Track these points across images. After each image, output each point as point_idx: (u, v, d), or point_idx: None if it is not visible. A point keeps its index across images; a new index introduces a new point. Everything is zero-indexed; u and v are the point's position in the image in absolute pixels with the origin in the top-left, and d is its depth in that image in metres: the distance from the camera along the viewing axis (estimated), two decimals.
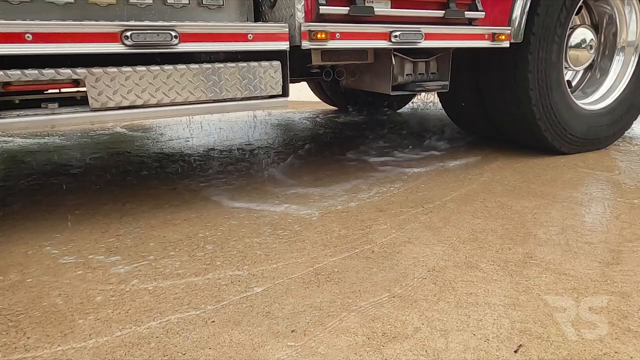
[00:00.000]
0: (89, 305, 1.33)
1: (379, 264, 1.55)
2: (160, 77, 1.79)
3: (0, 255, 1.65)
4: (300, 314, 1.27)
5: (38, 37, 1.56)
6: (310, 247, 1.69)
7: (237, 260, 1.59)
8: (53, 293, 1.41)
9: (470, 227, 1.85)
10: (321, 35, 2.00)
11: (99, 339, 1.18)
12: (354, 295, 1.36)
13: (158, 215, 2.00)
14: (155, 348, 1.14)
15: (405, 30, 2.16)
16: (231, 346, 1.14)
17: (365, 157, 2.93)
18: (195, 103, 1.89)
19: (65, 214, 2.03)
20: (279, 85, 2.02)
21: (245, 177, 2.55)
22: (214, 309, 1.30)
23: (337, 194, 2.26)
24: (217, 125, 4.11)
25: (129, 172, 2.69)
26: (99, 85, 1.70)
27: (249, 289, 1.41)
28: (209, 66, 1.87)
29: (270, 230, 1.84)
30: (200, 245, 1.71)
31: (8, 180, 2.56)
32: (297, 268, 1.53)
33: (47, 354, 1.12)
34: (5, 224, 1.92)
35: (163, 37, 1.72)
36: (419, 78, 2.45)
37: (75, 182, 2.50)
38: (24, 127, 1.69)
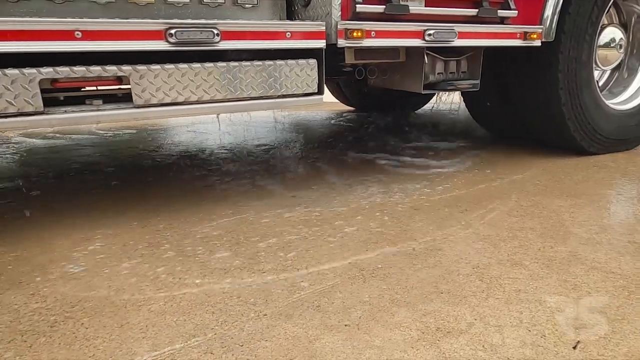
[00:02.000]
0: (140, 297, 1.35)
1: (422, 261, 1.55)
2: (201, 75, 1.81)
3: (46, 249, 1.68)
4: (350, 308, 1.28)
5: (87, 34, 1.59)
6: (349, 244, 1.69)
7: (280, 255, 1.60)
8: (102, 285, 1.43)
9: (508, 226, 1.84)
10: (357, 33, 2.01)
11: (155, 329, 1.19)
12: (401, 291, 1.36)
13: (195, 211, 2.02)
14: (212, 339, 1.15)
15: (439, 29, 2.16)
16: (287, 339, 1.15)
17: (394, 156, 2.93)
18: (234, 100, 1.91)
19: (104, 210, 2.05)
20: (314, 83, 2.03)
21: (276, 175, 2.56)
22: (264, 303, 1.31)
23: (370, 192, 2.27)
24: (239, 125, 4.14)
25: (159, 169, 2.72)
26: (143, 82, 1.72)
27: (295, 284, 1.42)
28: (248, 64, 1.89)
29: (307, 227, 1.85)
30: (240, 241, 1.73)
31: (44, 177, 2.61)
32: (340, 263, 1.54)
33: (107, 343, 1.14)
34: (47, 220, 1.96)
35: (206, 34, 1.74)
36: (449, 77, 2.45)
37: (106, 180, 2.53)
38: (71, 123, 1.73)
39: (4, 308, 1.31)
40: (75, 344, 1.14)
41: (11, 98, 1.55)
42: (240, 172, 2.62)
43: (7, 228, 1.87)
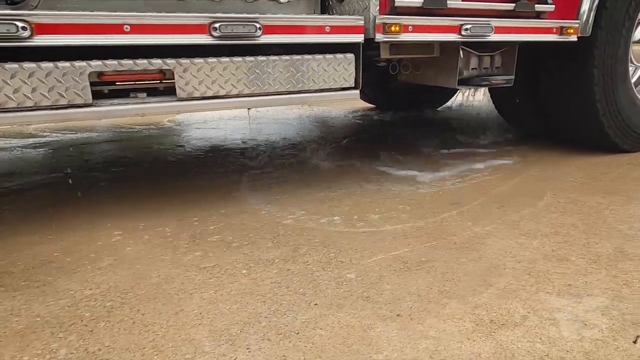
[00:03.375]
0: (190, 286, 1.37)
1: (466, 255, 1.55)
2: (242, 68, 1.83)
3: (92, 238, 1.71)
4: (400, 299, 1.28)
5: (135, 28, 1.62)
6: (390, 237, 1.69)
7: (321, 248, 1.62)
8: (151, 274, 1.46)
9: (549, 221, 1.82)
10: (395, 28, 2.01)
11: (210, 317, 1.21)
12: (449, 283, 1.36)
13: (231, 204, 2.05)
14: (267, 327, 1.17)
15: (475, 24, 2.15)
16: (341, 327, 1.16)
17: (425, 152, 2.92)
18: (272, 94, 1.93)
19: (142, 202, 2.09)
20: (351, 77, 2.04)
21: (309, 170, 2.57)
22: (313, 293, 1.32)
23: (405, 187, 2.27)
24: (258, 121, 4.17)
25: (189, 164, 2.76)
26: (186, 75, 1.75)
27: (342, 275, 1.43)
28: (288, 58, 1.90)
29: (344, 221, 1.85)
30: (280, 233, 1.74)
31: (82, 170, 2.66)
32: (383, 256, 1.55)
33: (165, 329, 1.17)
34: (90, 211, 2.00)
35: (248, 29, 1.76)
36: (483, 72, 2.43)
37: (142, 174, 2.58)
38: (117, 115, 1.76)
39: (59, 293, 1.35)
40: (134, 329, 1.17)
41: (62, 90, 1.59)
42: (272, 166, 2.64)
43: (53, 218, 1.91)
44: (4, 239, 1.72)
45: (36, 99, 1.56)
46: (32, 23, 1.48)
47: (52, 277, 1.45)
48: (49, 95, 1.57)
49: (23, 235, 1.74)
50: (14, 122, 1.60)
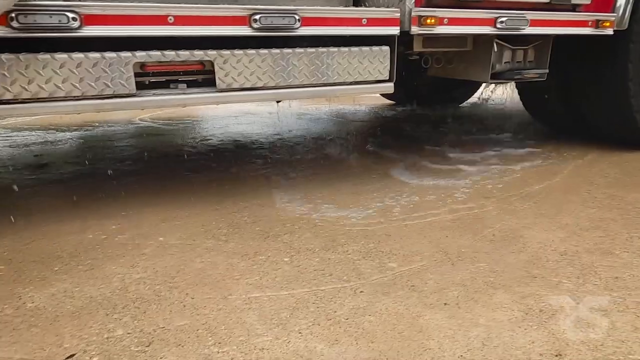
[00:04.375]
0: (234, 272, 1.40)
1: (506, 247, 1.54)
2: (279, 60, 1.84)
3: (135, 225, 1.75)
4: (445, 289, 1.29)
5: (178, 19, 1.64)
6: (427, 229, 1.69)
7: (359, 238, 1.62)
8: (195, 260, 1.48)
9: (587, 216, 1.80)
10: (430, 20, 2.00)
11: (258, 301, 1.23)
12: (493, 274, 1.36)
13: (265, 195, 2.07)
14: (315, 312, 1.18)
15: (511, 16, 2.13)
16: (390, 314, 1.17)
17: (455, 148, 2.90)
18: (308, 86, 1.94)
19: (180, 192, 2.12)
20: (386, 70, 2.04)
21: (342, 163, 2.58)
22: (357, 281, 1.33)
23: (437, 182, 2.26)
24: (284, 116, 4.19)
25: (219, 157, 2.79)
26: (226, 67, 1.77)
27: (384, 264, 1.43)
28: (324, 50, 1.91)
29: (378, 213, 1.86)
30: (317, 224, 1.75)
31: (119, 161, 2.71)
32: (423, 247, 1.55)
33: (215, 313, 1.19)
34: (131, 199, 2.03)
35: (288, 20, 1.77)
36: (516, 66, 2.41)
37: (174, 165, 2.61)
38: (158, 106, 1.79)
39: (108, 277, 1.38)
40: (185, 312, 1.20)
41: (108, 80, 1.62)
42: (305, 160, 2.65)
43: (94, 206, 1.95)
44: (49, 224, 1.76)
45: (83, 88, 1.59)
46: (82, 14, 1.52)
47: (99, 261, 1.49)
48: (96, 85, 1.61)
49: (67, 222, 1.78)
50: (63, 111, 1.64)
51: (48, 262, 1.49)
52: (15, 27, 1.44)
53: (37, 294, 1.30)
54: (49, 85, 1.55)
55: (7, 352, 1.06)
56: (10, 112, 1.59)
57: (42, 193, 2.16)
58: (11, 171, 2.51)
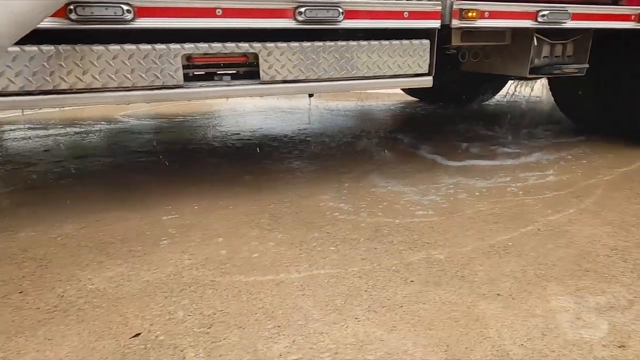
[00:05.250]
0: (283, 260, 1.42)
1: (553, 241, 1.53)
2: (321, 53, 1.86)
3: (179, 213, 1.78)
4: (496, 280, 1.29)
5: (226, 12, 1.67)
6: (469, 223, 1.69)
7: (402, 230, 1.63)
8: (244, 248, 1.51)
9: (633, 212, 1.77)
10: (472, 14, 1.99)
11: (311, 288, 1.25)
12: (543, 267, 1.35)
13: (303, 187, 2.08)
14: (369, 300, 1.20)
15: (553, 10, 2.10)
16: (444, 303, 1.18)
17: (492, 145, 2.87)
18: (349, 79, 1.95)
19: (218, 183, 2.15)
20: (426, 64, 2.03)
21: (378, 158, 2.59)
22: (406, 270, 1.34)
23: (477, 177, 2.24)
24: (312, 112, 4.21)
25: (252, 150, 2.82)
26: (270, 59, 1.79)
27: (431, 255, 1.44)
28: (365, 43, 1.92)
29: (418, 207, 1.86)
30: (359, 215, 1.77)
31: (154, 154, 2.77)
32: (467, 239, 1.55)
33: (271, 298, 1.21)
34: (169, 189, 2.07)
35: (331, 13, 1.78)
36: (554, 61, 2.38)
37: (211, 158, 2.66)
38: (204, 97, 1.83)
39: (161, 262, 1.42)
40: (241, 296, 1.22)
41: (158, 72, 1.66)
42: (338, 153, 2.67)
43: (135, 195, 2.00)
44: (95, 213, 1.81)
45: (134, 79, 1.64)
46: (135, 6, 1.56)
47: (149, 247, 1.53)
48: (146, 76, 1.64)
49: (114, 210, 1.83)
50: (114, 102, 1.69)
51: (101, 247, 1.54)
52: (73, 19, 1.49)
53: (96, 277, 1.34)
54: (102, 76, 1.60)
55: (75, 329, 1.10)
56: (65, 101, 1.64)
57: (81, 183, 2.22)
58: (49, 162, 2.59)
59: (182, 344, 1.04)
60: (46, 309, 1.19)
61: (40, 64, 1.54)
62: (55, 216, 1.79)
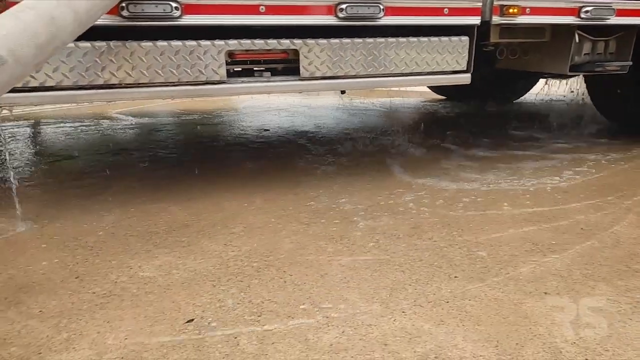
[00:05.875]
0: (325, 253, 1.43)
1: (598, 241, 1.50)
2: (361, 50, 1.87)
3: (218, 208, 1.83)
4: (542, 278, 1.27)
5: (269, 9, 1.70)
6: (509, 220, 1.67)
7: (441, 227, 1.63)
8: (285, 241, 1.53)
9: None
10: (513, 10, 1.96)
11: (355, 281, 1.27)
12: (589, 267, 1.33)
13: (339, 183, 2.10)
14: (414, 294, 1.20)
15: (597, 5, 2.05)
16: (490, 299, 1.17)
17: (530, 144, 2.83)
18: (387, 75, 1.96)
19: (256, 178, 2.20)
20: (464, 60, 2.02)
21: (413, 155, 2.58)
22: (449, 267, 1.35)
23: (513, 175, 2.22)
24: (341, 110, 4.22)
25: (284, 147, 2.86)
26: (310, 55, 1.81)
27: (472, 252, 1.43)
28: (405, 40, 1.92)
29: (457, 204, 1.85)
30: (398, 210, 1.78)
31: (193, 148, 2.84)
32: (508, 237, 1.53)
33: (316, 289, 1.23)
34: (209, 184, 2.12)
35: (372, 10, 1.79)
36: (596, 58, 2.32)
37: (245, 154, 2.71)
38: (245, 92, 1.87)
39: (206, 253, 1.46)
40: (287, 287, 1.25)
41: (202, 67, 1.70)
42: (372, 151, 2.68)
43: (174, 187, 2.06)
44: (137, 204, 1.87)
45: (180, 75, 1.68)
46: (182, 3, 1.60)
47: (193, 238, 1.57)
48: (191, 72, 1.69)
49: (158, 202, 1.89)
50: (159, 97, 1.75)
51: (147, 237, 1.59)
52: (125, 15, 1.54)
53: (145, 265, 1.39)
54: (149, 71, 1.65)
55: (131, 314, 1.15)
56: (115, 96, 1.70)
57: (122, 175, 2.29)
58: (90, 155, 2.68)
59: (234, 331, 1.07)
60: (102, 293, 1.24)
61: (92, 59, 1.60)
62: (101, 207, 1.86)
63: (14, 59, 1.03)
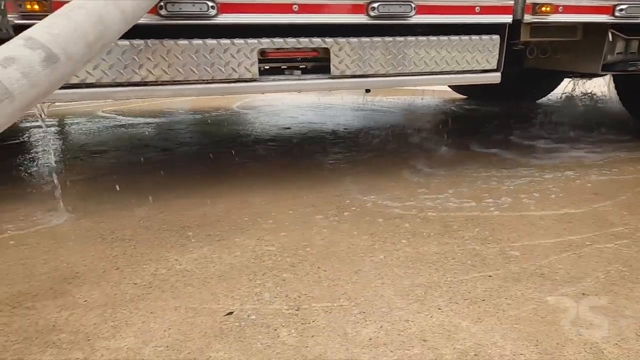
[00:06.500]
0: (357, 250, 1.45)
1: (634, 243, 1.48)
2: (391, 48, 1.88)
3: (245, 204, 1.85)
4: (578, 279, 1.27)
5: (302, 8, 1.72)
6: (540, 221, 1.66)
7: (471, 226, 1.62)
8: (316, 237, 1.55)
9: None
10: (545, 8, 1.94)
11: (389, 278, 1.28)
12: (627, 269, 1.31)
13: (364, 181, 2.10)
14: (449, 292, 1.21)
15: (632, 4, 2.02)
16: (527, 300, 1.17)
17: (560, 144, 2.78)
18: (416, 74, 1.96)
19: (283, 175, 2.22)
20: (494, 59, 2.01)
21: (439, 154, 2.58)
22: (483, 265, 1.35)
23: (548, 176, 2.20)
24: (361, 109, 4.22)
25: (308, 144, 2.88)
26: (341, 54, 1.83)
27: (505, 252, 1.43)
28: (435, 39, 1.92)
29: (487, 204, 1.84)
30: (424, 210, 1.77)
31: (217, 145, 2.89)
32: (541, 237, 1.52)
33: (351, 285, 1.25)
34: (235, 179, 2.16)
35: (404, 8, 1.80)
36: (629, 57, 2.28)
37: (269, 152, 2.74)
38: (276, 90, 1.90)
39: (240, 247, 1.49)
40: (322, 282, 1.27)
41: (235, 65, 1.73)
42: (398, 150, 2.68)
43: (205, 183, 2.10)
44: (170, 199, 1.91)
45: (214, 72, 1.72)
46: (218, 3, 1.63)
47: (226, 232, 1.60)
48: (224, 69, 1.72)
49: (188, 197, 1.93)
50: (193, 94, 1.78)
51: (181, 231, 1.63)
52: (163, 14, 1.58)
53: (182, 258, 1.43)
54: (185, 69, 1.69)
55: (172, 305, 1.18)
56: (151, 93, 1.74)
57: (154, 171, 2.34)
58: (123, 151, 2.75)
59: (273, 323, 1.10)
60: (143, 284, 1.28)
61: (131, 57, 1.64)
62: (132, 201, 1.90)
63: (66, 57, 1.07)
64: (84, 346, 1.03)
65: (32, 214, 1.78)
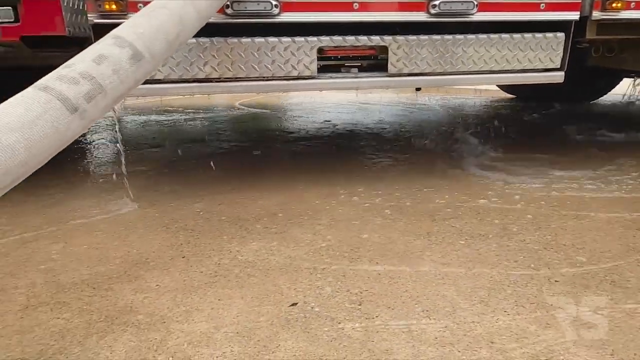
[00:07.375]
0: (414, 249, 1.45)
1: None
2: (450, 47, 1.85)
3: (301, 200, 1.89)
4: None
5: (362, 6, 1.73)
6: (606, 226, 1.59)
7: (532, 229, 1.58)
8: (373, 235, 1.56)
9: None
10: (616, 4, 1.85)
11: (450, 278, 1.28)
12: None
13: (416, 179, 2.10)
14: (514, 295, 1.18)
15: None
16: (597, 308, 1.13)
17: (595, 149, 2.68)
18: (475, 73, 1.92)
19: (332, 173, 2.25)
20: (558, 58, 1.94)
21: (490, 155, 2.52)
22: (546, 270, 1.31)
23: (610, 178, 2.10)
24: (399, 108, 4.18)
25: (354, 143, 2.89)
26: (399, 52, 1.82)
27: (570, 257, 1.38)
28: (496, 36, 1.87)
29: (546, 205, 1.78)
30: (480, 211, 1.74)
31: (262, 141, 2.96)
32: (608, 243, 1.46)
33: (412, 284, 1.26)
34: (289, 174, 2.21)
35: (465, 6, 1.77)
36: None
37: (322, 149, 2.77)
38: (335, 88, 1.92)
39: (298, 241, 1.52)
40: (382, 279, 1.28)
41: (295, 63, 1.77)
42: (447, 150, 2.65)
43: (258, 180, 2.16)
44: (225, 193, 1.98)
45: (274, 70, 1.76)
46: (281, 1, 1.67)
47: (283, 226, 1.64)
48: (284, 67, 1.76)
49: (243, 191, 1.99)
50: (254, 90, 1.84)
51: (239, 223, 1.68)
52: (229, 13, 1.64)
53: (243, 249, 1.48)
54: (247, 66, 1.74)
55: (238, 294, 1.23)
56: (214, 89, 1.81)
57: (204, 165, 2.43)
58: (179, 145, 2.87)
59: (337, 316, 1.12)
60: (208, 273, 1.34)
61: (196, 54, 1.71)
62: (191, 193, 1.99)
63: (150, 54, 1.14)
64: (160, 328, 1.10)
65: (102, 202, 1.90)
